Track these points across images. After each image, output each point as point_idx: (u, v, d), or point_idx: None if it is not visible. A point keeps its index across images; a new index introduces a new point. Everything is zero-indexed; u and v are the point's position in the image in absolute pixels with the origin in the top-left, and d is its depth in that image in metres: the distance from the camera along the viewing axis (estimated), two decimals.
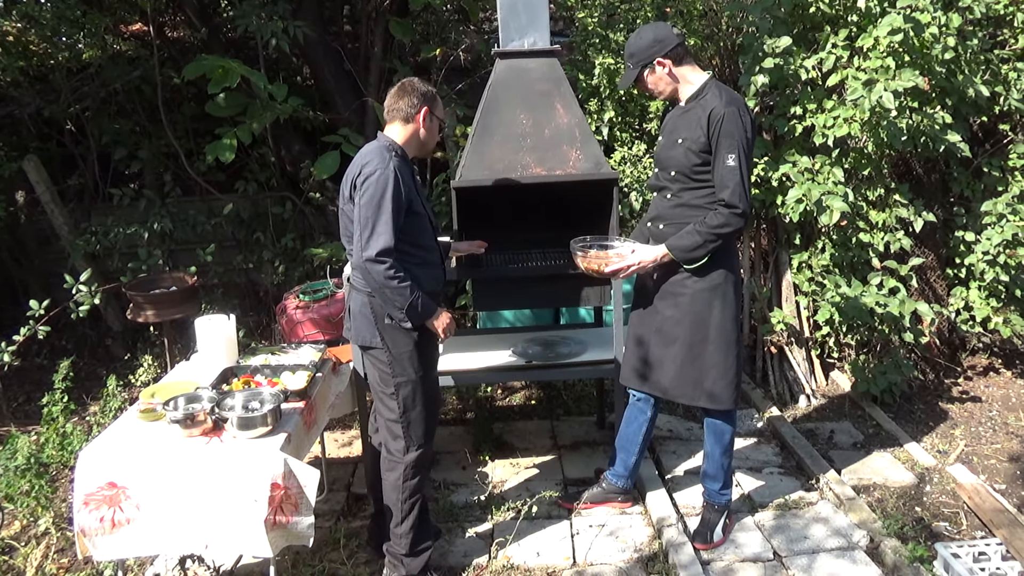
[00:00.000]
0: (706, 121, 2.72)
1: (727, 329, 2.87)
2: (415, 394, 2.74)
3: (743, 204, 2.71)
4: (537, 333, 3.88)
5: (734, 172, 2.70)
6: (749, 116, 2.73)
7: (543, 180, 3.19)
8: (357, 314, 2.72)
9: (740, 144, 2.68)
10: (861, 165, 4.37)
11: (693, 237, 2.78)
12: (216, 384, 2.87)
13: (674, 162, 2.85)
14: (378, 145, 2.67)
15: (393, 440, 2.77)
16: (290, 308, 4.54)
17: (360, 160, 2.62)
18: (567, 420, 4.24)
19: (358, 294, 2.71)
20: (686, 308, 2.89)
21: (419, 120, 2.69)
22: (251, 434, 2.58)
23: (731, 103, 2.71)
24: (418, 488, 2.81)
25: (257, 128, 4.44)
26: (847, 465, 3.66)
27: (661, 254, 2.85)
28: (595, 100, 4.63)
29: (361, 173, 2.56)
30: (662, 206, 2.94)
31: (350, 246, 2.67)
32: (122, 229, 4.79)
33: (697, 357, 2.90)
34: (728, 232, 2.75)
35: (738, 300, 2.90)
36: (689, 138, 2.78)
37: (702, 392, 2.92)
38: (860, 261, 4.48)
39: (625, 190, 4.60)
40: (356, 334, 2.74)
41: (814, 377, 4.55)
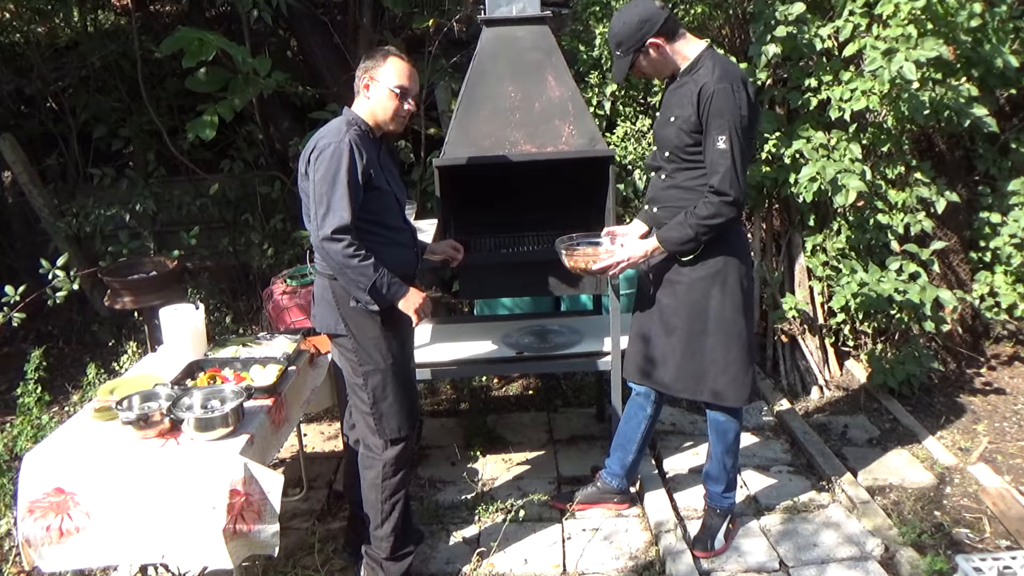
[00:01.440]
0: (696, 98, 2.47)
1: (727, 320, 2.64)
2: (385, 384, 2.53)
3: (734, 191, 2.45)
4: (533, 321, 3.66)
5: (724, 156, 2.45)
6: (746, 92, 2.46)
7: (534, 158, 2.95)
8: (319, 299, 2.55)
9: (733, 124, 2.43)
10: (880, 141, 4.08)
11: (683, 230, 2.55)
12: (179, 379, 2.67)
13: (667, 141, 2.61)
14: (338, 120, 2.48)
15: (371, 435, 2.57)
16: (276, 293, 4.33)
17: (316, 135, 2.43)
18: (565, 412, 4.02)
19: (320, 278, 2.54)
20: (683, 297, 2.66)
21: (366, 90, 2.47)
22: (210, 436, 2.38)
23: (724, 78, 2.44)
24: (399, 486, 2.62)
25: (239, 104, 4.21)
26: (862, 464, 3.42)
27: (651, 248, 2.63)
28: (596, 72, 4.36)
29: (315, 148, 2.36)
30: (657, 187, 2.70)
31: (310, 226, 2.47)
32: (103, 211, 4.59)
33: (697, 350, 2.68)
34: (719, 223, 2.50)
35: (745, 288, 2.66)
36: (681, 116, 2.53)
37: (705, 387, 2.70)
38: (878, 244, 4.21)
39: (629, 168, 4.35)
40: (320, 321, 2.57)
41: (828, 367, 4.30)
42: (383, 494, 2.59)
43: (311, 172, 2.37)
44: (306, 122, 4.86)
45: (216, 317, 4.81)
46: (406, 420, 2.60)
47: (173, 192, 4.91)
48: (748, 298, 2.69)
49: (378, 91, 2.46)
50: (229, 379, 2.72)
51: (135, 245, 4.65)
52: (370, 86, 2.46)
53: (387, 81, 2.45)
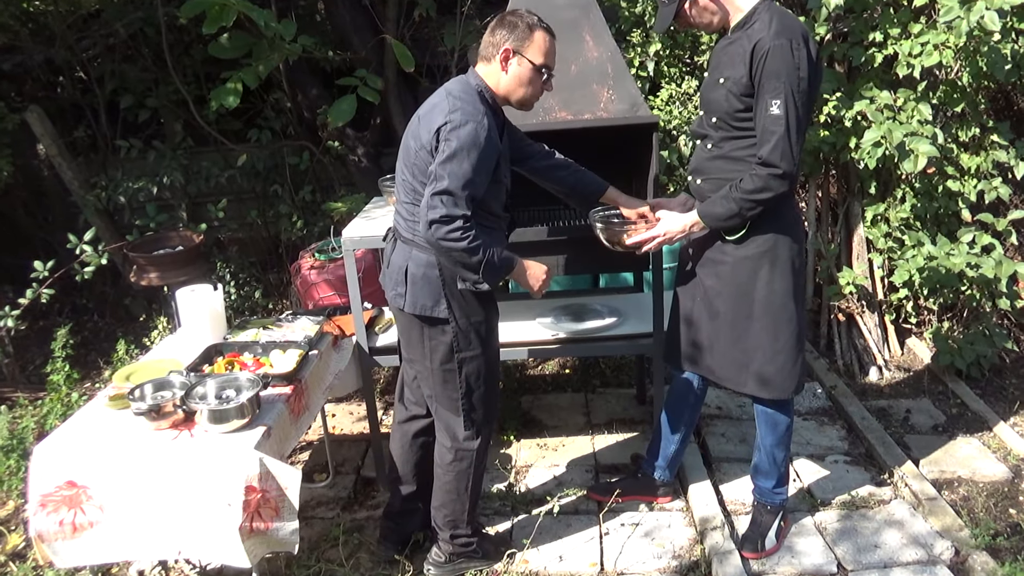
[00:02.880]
0: (749, 56, 2.19)
1: (776, 304, 2.39)
2: (480, 371, 2.38)
3: (786, 164, 2.19)
4: (571, 299, 3.45)
5: (778, 123, 2.18)
6: (807, 51, 2.17)
7: (570, 126, 2.71)
8: (419, 278, 2.28)
9: (790, 87, 2.15)
10: (953, 101, 3.73)
11: (727, 204, 2.30)
12: (196, 365, 2.55)
13: (715, 105, 2.35)
14: (464, 86, 2.24)
15: (458, 425, 2.41)
16: (304, 268, 4.20)
17: (447, 104, 2.17)
18: (603, 393, 3.83)
19: (420, 252, 2.27)
20: (727, 278, 2.43)
21: (499, 61, 2.23)
22: (224, 428, 2.24)
23: (782, 34, 2.16)
24: (482, 474, 2.53)
25: (264, 71, 4.02)
26: (926, 453, 3.16)
27: (691, 223, 2.40)
28: (639, 31, 4.06)
29: (449, 122, 2.12)
30: (702, 157, 2.45)
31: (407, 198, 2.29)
32: (131, 183, 4.49)
33: (740, 336, 2.45)
34: (768, 198, 2.25)
35: (796, 268, 2.41)
36: (731, 77, 2.27)
37: (749, 376, 2.47)
38: (947, 213, 3.88)
39: (674, 133, 4.07)
40: (413, 301, 2.29)
41: (887, 346, 4.01)
42: (469, 483, 2.46)
43: (441, 146, 2.12)
44: (334, 89, 4.67)
45: (246, 292, 4.71)
46: (494, 409, 2.48)
47: (201, 164, 4.78)
48: (799, 279, 2.44)
49: (521, 67, 2.23)
50: (248, 364, 2.59)
51: (163, 219, 4.54)
52: (510, 59, 2.22)
53: (534, 58, 2.22)
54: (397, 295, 2.33)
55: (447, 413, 2.42)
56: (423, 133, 2.19)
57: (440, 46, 4.71)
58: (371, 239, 2.84)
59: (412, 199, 2.26)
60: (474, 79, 2.27)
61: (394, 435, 2.65)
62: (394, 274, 2.33)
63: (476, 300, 2.32)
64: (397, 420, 2.64)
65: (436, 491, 2.52)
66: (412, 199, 2.26)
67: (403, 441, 2.62)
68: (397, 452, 2.64)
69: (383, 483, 3.10)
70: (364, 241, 2.84)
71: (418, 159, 2.21)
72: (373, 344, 3.03)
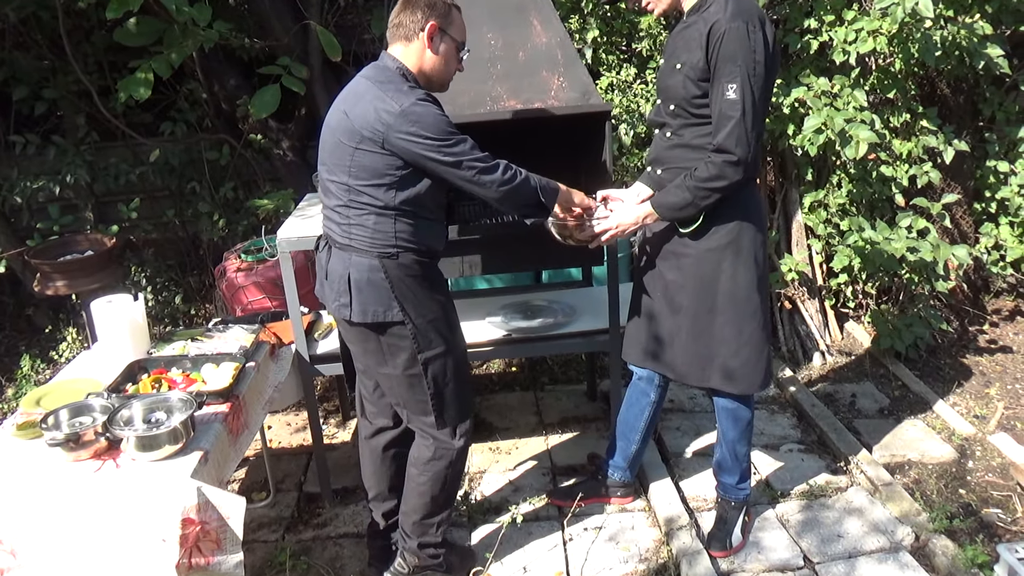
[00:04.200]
0: (705, 39, 2.12)
1: (740, 297, 2.33)
2: (446, 368, 2.21)
3: (741, 150, 2.12)
4: (516, 297, 3.32)
5: (734, 107, 2.11)
6: (763, 34, 2.10)
7: (519, 115, 2.57)
8: (363, 284, 2.09)
9: (746, 71, 2.08)
10: (885, 87, 3.78)
11: (681, 194, 2.23)
12: (118, 385, 2.30)
13: (672, 92, 2.26)
14: (387, 71, 2.07)
15: (432, 428, 2.25)
16: (230, 270, 3.93)
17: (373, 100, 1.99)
18: (553, 391, 3.72)
19: (361, 257, 2.09)
20: (689, 271, 2.35)
21: (424, 40, 2.06)
22: (154, 455, 2.02)
23: (738, 15, 2.09)
24: (457, 480, 2.37)
25: (177, 59, 3.72)
26: (876, 438, 3.19)
27: (644, 214, 2.30)
28: (576, 17, 3.95)
29: (411, 119, 1.96)
30: (660, 146, 2.36)
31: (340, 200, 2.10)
32: (28, 183, 4.09)
33: (703, 331, 2.37)
34: (723, 186, 2.17)
35: (759, 259, 2.35)
36: (688, 62, 2.18)
37: (713, 371, 2.41)
38: (881, 198, 3.94)
39: (614, 121, 3.99)
40: (362, 310, 2.11)
41: (828, 331, 4.06)
42: (444, 485, 2.31)
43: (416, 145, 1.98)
44: (254, 79, 4.38)
45: (165, 297, 4.38)
46: (468, 403, 2.31)
47: (109, 160, 4.41)
48: (763, 269, 2.38)
49: (447, 46, 2.09)
50: (178, 382, 2.35)
51: (67, 221, 4.17)
52: (435, 37, 2.06)
53: (457, 35, 2.10)
54: (342, 306, 2.14)
55: (419, 418, 2.26)
56: (363, 127, 2.00)
57: (367, 32, 4.48)
58: (309, 239, 2.63)
59: (347, 200, 2.08)
60: (391, 61, 2.10)
61: (363, 452, 2.46)
62: (335, 284, 2.14)
63: (428, 296, 2.16)
64: (363, 436, 2.45)
65: (407, 494, 2.35)
66: (347, 200, 2.08)
67: (374, 457, 2.44)
68: (370, 469, 2.45)
69: (327, 498, 2.91)
70: (302, 242, 2.64)
71: (359, 156, 2.02)
72: (313, 352, 2.83)
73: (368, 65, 2.15)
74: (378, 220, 2.07)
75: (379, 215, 2.06)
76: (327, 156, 2.12)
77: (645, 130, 3.97)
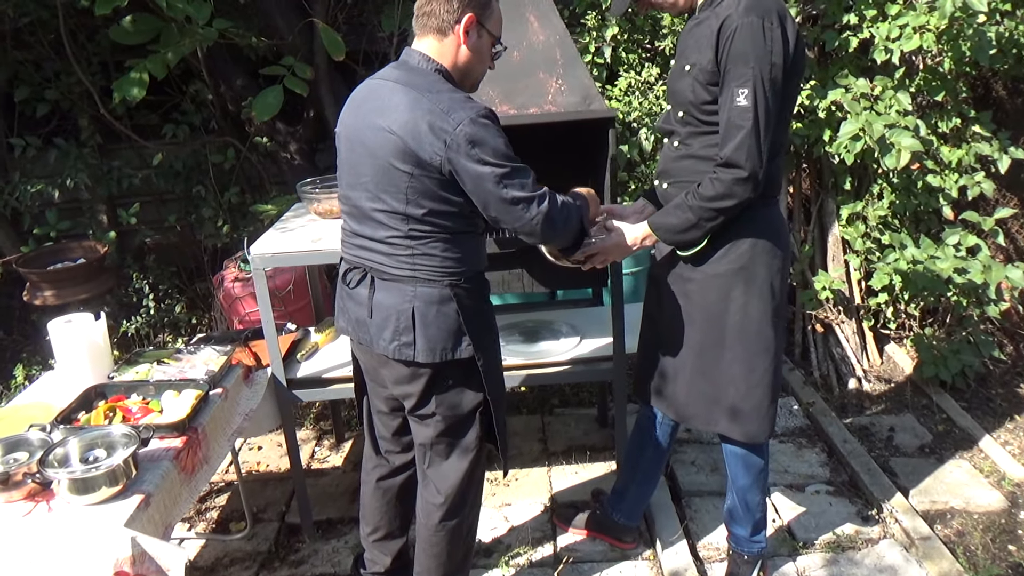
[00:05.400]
0: (716, 37, 1.85)
1: (751, 330, 2.04)
2: (504, 407, 2.01)
3: (751, 164, 1.84)
4: (522, 315, 3.08)
5: (745, 115, 1.83)
6: (782, 32, 1.82)
7: (512, 122, 2.32)
8: (431, 318, 1.83)
9: (760, 73, 1.80)
10: (933, 89, 3.43)
11: (683, 214, 1.96)
12: (69, 414, 2.12)
13: (681, 97, 1.99)
14: (423, 73, 1.81)
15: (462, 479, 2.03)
16: (228, 280, 3.77)
17: (426, 115, 1.71)
18: (562, 415, 3.47)
19: (427, 288, 1.83)
20: (695, 299, 2.08)
21: (461, 33, 1.81)
22: (89, 499, 1.83)
23: (753, 9, 1.81)
24: (475, 527, 2.18)
25: (173, 58, 3.56)
26: (915, 481, 2.87)
27: (642, 235, 2.06)
28: (594, 13, 3.69)
29: (463, 132, 1.70)
30: (668, 157, 2.10)
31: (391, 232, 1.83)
32: (28, 187, 3.99)
33: (709, 368, 2.10)
34: (730, 206, 1.90)
35: (776, 289, 2.06)
36: (698, 63, 1.92)
37: (720, 413, 2.13)
38: (927, 211, 3.60)
39: (634, 125, 3.71)
40: (430, 348, 1.84)
41: (866, 354, 3.72)
42: (464, 539, 2.11)
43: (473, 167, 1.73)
44: (261, 79, 4.21)
45: (166, 305, 4.24)
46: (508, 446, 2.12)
47: (112, 163, 4.29)
48: (780, 300, 2.09)
49: (482, 40, 1.84)
50: (133, 411, 2.16)
51: (64, 226, 4.05)
52: (471, 31, 1.82)
53: (495, 29, 1.86)
54: (403, 345, 1.85)
55: (456, 464, 2.00)
56: (419, 148, 1.72)
57: (379, 31, 4.28)
58: (285, 255, 2.43)
59: (406, 231, 1.80)
60: (425, 61, 1.83)
61: (370, 492, 2.23)
62: (391, 320, 1.85)
63: (489, 325, 1.95)
64: (375, 476, 2.22)
65: (420, 554, 2.11)
66: (406, 231, 1.80)
67: (387, 498, 2.23)
68: (377, 508, 2.23)
69: (308, 532, 2.71)
70: (277, 258, 2.43)
71: (418, 183, 1.75)
72: (293, 375, 2.63)
73: (391, 65, 1.88)
74: (445, 246, 1.82)
75: (446, 240, 1.82)
76: (368, 181, 1.82)
77: None
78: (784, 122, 1.95)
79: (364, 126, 1.82)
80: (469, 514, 2.09)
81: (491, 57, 1.91)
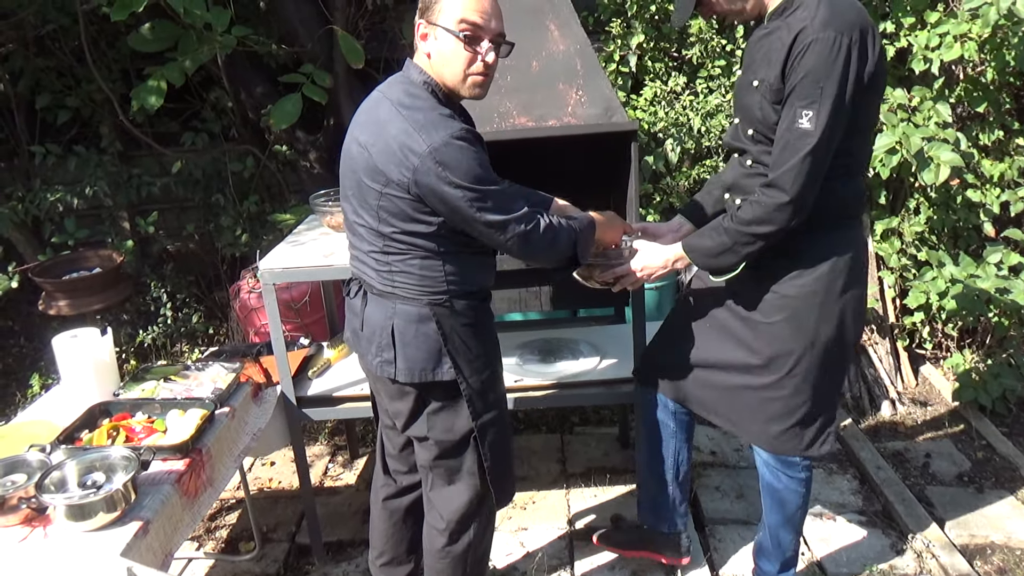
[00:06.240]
0: (787, 50, 1.72)
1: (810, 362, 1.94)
2: (500, 433, 1.92)
3: (796, 190, 1.72)
4: (541, 332, 2.98)
5: (805, 140, 1.70)
6: (861, 49, 1.67)
7: (530, 134, 2.23)
8: (410, 337, 1.78)
9: (829, 97, 1.67)
10: (974, 100, 3.29)
11: (718, 237, 1.86)
12: (72, 432, 2.06)
13: (749, 113, 1.87)
14: (412, 84, 1.74)
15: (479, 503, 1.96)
16: (244, 291, 3.72)
17: (399, 134, 1.65)
18: (582, 434, 3.36)
19: (407, 305, 1.78)
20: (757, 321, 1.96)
21: (423, 42, 1.74)
22: (87, 525, 1.76)
23: (831, 23, 1.66)
24: (487, 554, 2.11)
25: (191, 66, 3.53)
26: (953, 512, 2.72)
27: (674, 258, 1.95)
28: (619, 21, 3.59)
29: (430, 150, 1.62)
30: (739, 172, 1.98)
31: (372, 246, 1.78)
32: (47, 194, 3.98)
33: (763, 390, 2.00)
34: (769, 232, 1.78)
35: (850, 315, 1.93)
36: (765, 80, 1.79)
37: (763, 429, 2.02)
38: (967, 227, 3.44)
39: (659, 136, 3.61)
40: (408, 367, 1.80)
41: (900, 375, 3.57)
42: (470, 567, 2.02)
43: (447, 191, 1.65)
44: (281, 86, 4.17)
45: (184, 315, 4.21)
46: (513, 479, 2.03)
47: (132, 171, 4.27)
48: (856, 332, 1.98)
49: (440, 40, 1.70)
50: (136, 431, 2.10)
51: (82, 234, 4.03)
52: (427, 35, 1.72)
53: (447, 19, 1.68)
54: (384, 362, 1.82)
55: (458, 489, 1.93)
56: (388, 168, 1.65)
57: (401, 38, 4.22)
58: (295, 271, 2.36)
59: (382, 247, 1.76)
60: (416, 72, 1.76)
61: (378, 513, 2.17)
62: (375, 336, 1.82)
63: (482, 347, 1.85)
64: (382, 496, 2.15)
65: None
66: (382, 247, 1.76)
67: (393, 519, 2.15)
68: (385, 530, 2.16)
69: (318, 554, 2.64)
70: (287, 274, 2.36)
71: (387, 202, 1.69)
72: (304, 393, 2.56)
73: (391, 77, 1.81)
74: (424, 264, 1.76)
75: (424, 258, 1.75)
76: (350, 193, 1.79)
77: (694, 146, 3.58)
78: (865, 140, 1.84)
79: (351, 139, 1.78)
80: (476, 541, 2.00)
81: (476, 52, 1.70)
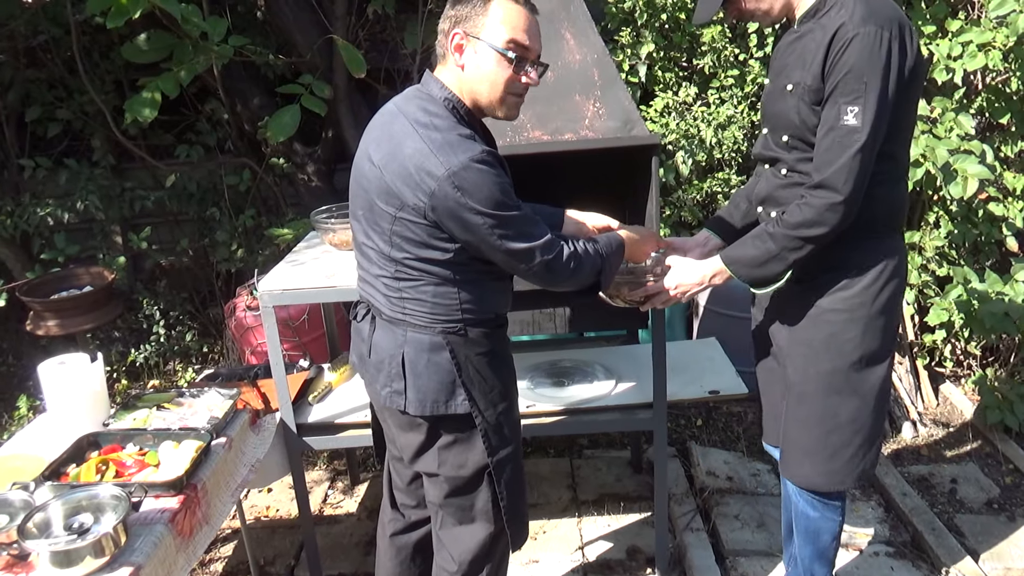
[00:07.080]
0: (826, 49, 1.63)
1: (837, 381, 1.83)
2: (516, 469, 1.79)
3: (849, 188, 1.63)
4: (551, 353, 2.85)
5: (853, 136, 1.61)
6: (901, 44, 1.60)
7: (545, 149, 2.11)
8: (421, 367, 1.66)
9: (876, 91, 1.59)
10: (996, 111, 3.19)
11: (763, 245, 1.75)
12: (58, 467, 1.93)
13: (783, 120, 1.77)
14: (432, 101, 1.61)
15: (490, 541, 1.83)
16: (239, 309, 3.59)
17: (415, 155, 1.52)
18: (592, 457, 3.24)
19: (417, 333, 1.66)
20: (800, 336, 1.86)
21: (457, 53, 1.61)
22: (73, 573, 1.62)
23: (871, 18, 1.59)
24: None
25: (186, 77, 3.41)
26: (984, 542, 2.60)
27: (712, 272, 1.84)
28: (628, 29, 3.49)
29: (454, 185, 1.50)
30: (773, 184, 1.86)
31: (382, 270, 1.66)
32: (36, 209, 3.85)
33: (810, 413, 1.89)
34: (820, 235, 1.69)
35: (894, 325, 1.84)
36: (802, 82, 1.70)
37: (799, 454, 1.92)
38: (989, 242, 3.34)
39: (670, 148, 3.50)
40: (420, 399, 1.67)
41: (921, 395, 3.45)
42: None
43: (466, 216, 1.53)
44: (278, 97, 4.05)
45: (177, 333, 4.07)
46: (526, 518, 1.89)
47: (125, 184, 4.15)
48: (894, 342, 1.89)
49: (480, 55, 1.59)
50: (127, 464, 1.97)
51: (73, 251, 3.90)
52: (464, 47, 1.60)
53: (493, 36, 1.57)
54: (394, 392, 1.69)
55: (471, 529, 1.81)
56: (403, 191, 1.54)
57: (402, 48, 4.12)
58: (295, 292, 2.23)
59: (393, 272, 1.63)
60: (437, 88, 1.64)
61: (384, 549, 2.04)
62: (385, 365, 1.70)
63: (497, 378, 1.72)
64: (389, 531, 2.02)
65: None
66: (393, 272, 1.63)
67: (400, 556, 2.02)
68: (392, 571, 2.03)
69: None
70: (287, 295, 2.24)
71: (401, 227, 1.58)
72: (304, 419, 2.43)
73: (408, 90, 1.68)
74: (437, 291, 1.63)
75: (438, 285, 1.63)
76: (360, 213, 1.67)
77: (706, 159, 3.47)
78: (906, 142, 1.76)
79: (363, 155, 1.65)
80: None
81: (516, 72, 1.61)
